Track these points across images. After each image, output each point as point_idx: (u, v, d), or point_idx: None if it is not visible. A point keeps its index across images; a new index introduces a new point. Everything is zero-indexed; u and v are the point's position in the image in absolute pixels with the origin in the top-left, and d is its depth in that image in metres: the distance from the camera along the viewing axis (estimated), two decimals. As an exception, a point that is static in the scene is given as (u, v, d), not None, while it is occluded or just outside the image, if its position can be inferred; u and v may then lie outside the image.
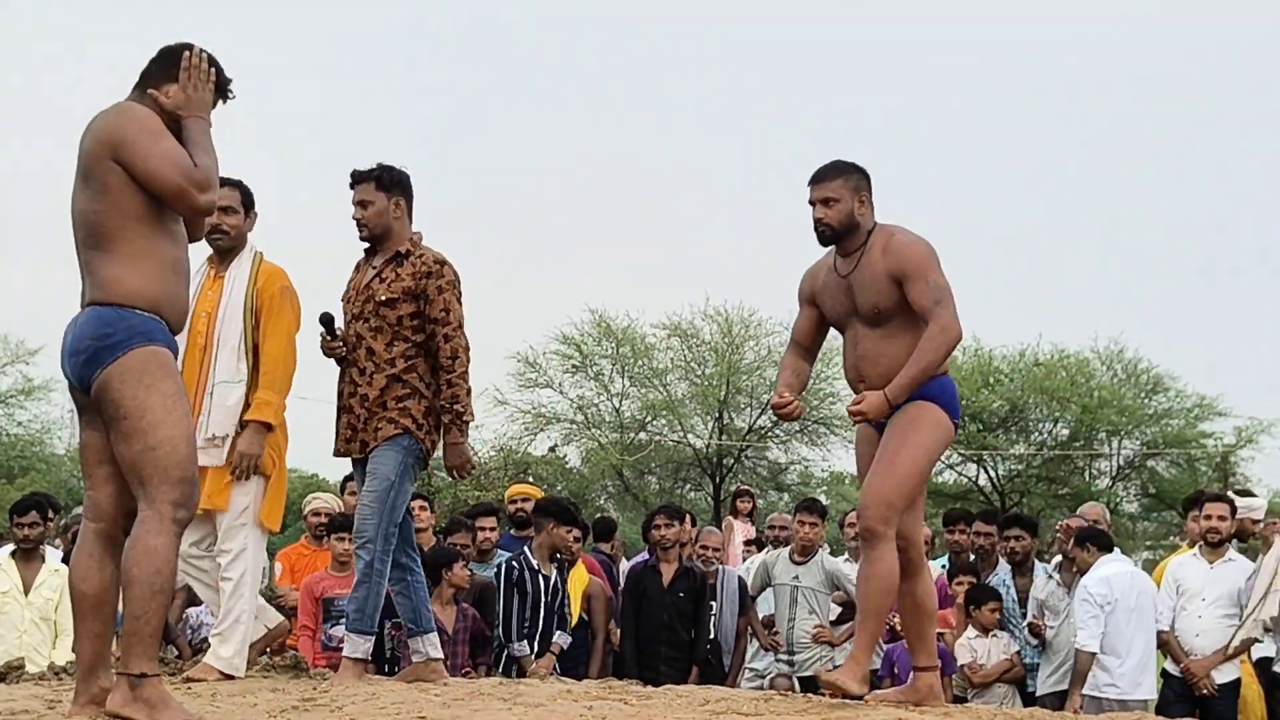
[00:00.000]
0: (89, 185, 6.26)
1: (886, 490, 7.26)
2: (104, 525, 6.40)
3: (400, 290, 8.34)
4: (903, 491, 7.30)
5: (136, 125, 6.23)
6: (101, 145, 6.21)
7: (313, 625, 11.11)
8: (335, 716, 6.53)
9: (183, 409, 6.27)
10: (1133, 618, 10.75)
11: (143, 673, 6.14)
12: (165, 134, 6.27)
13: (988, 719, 7.04)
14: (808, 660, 12.22)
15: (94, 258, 6.28)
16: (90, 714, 6.19)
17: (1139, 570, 11.28)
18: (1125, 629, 10.75)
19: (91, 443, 6.44)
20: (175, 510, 6.18)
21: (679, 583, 12.08)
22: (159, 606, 6.21)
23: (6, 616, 10.83)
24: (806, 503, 13.32)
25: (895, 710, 7.24)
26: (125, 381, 6.16)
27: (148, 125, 6.24)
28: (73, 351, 6.30)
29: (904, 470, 7.27)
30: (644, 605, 12.17)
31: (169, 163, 6.18)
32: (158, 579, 6.14)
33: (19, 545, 11.13)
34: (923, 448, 7.34)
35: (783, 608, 12.49)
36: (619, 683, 8.78)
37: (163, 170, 6.16)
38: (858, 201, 7.48)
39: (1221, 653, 10.96)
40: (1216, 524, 11.30)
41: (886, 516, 7.25)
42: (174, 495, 6.18)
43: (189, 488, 6.26)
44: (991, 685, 11.24)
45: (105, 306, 6.24)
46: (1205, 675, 10.85)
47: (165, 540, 6.16)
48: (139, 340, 6.18)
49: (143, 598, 6.13)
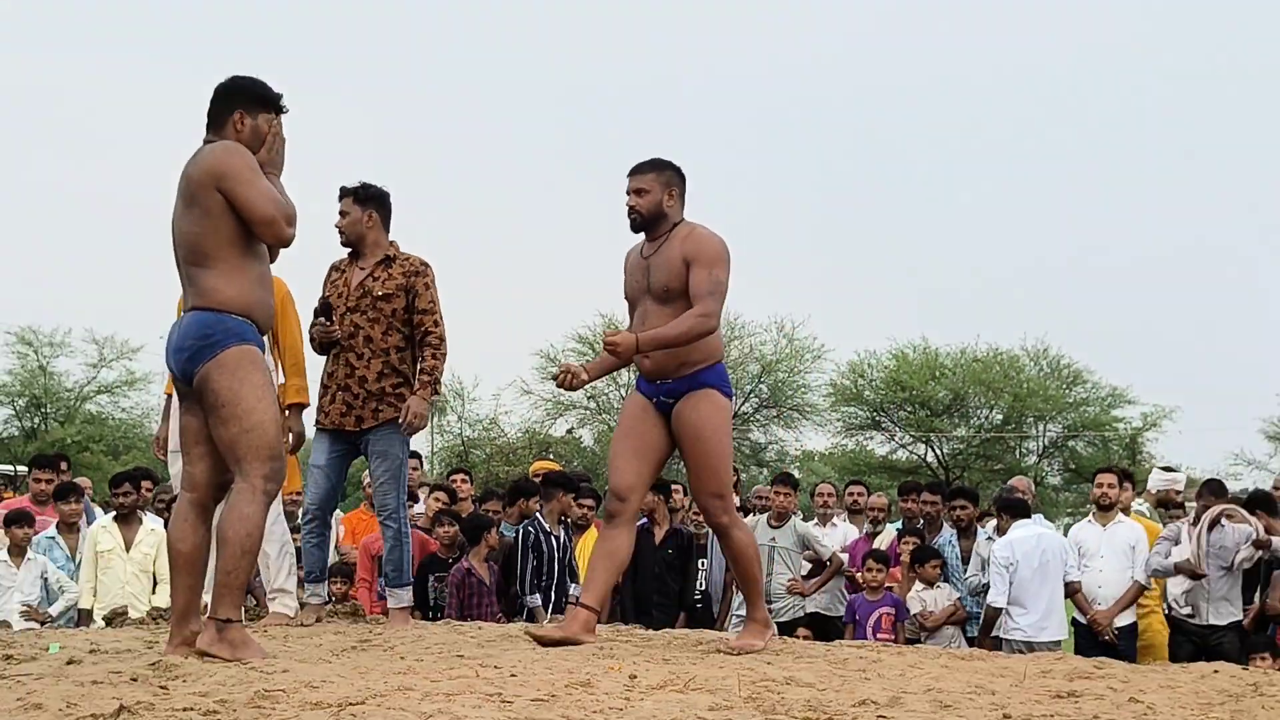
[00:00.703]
0: (192, 209, 6.26)
1: (715, 487, 7.20)
2: (197, 495, 6.43)
3: (394, 286, 8.46)
4: (725, 481, 7.27)
5: (241, 162, 6.24)
6: (208, 175, 6.22)
7: (369, 579, 11.11)
8: (388, 655, 6.53)
9: (271, 397, 6.30)
10: (1036, 574, 10.74)
11: (228, 618, 6.17)
12: (262, 173, 6.30)
13: (934, 657, 7.03)
14: (783, 609, 12.23)
15: (195, 271, 6.29)
16: (183, 653, 6.19)
17: (1048, 532, 11.20)
18: (1030, 584, 10.75)
19: (189, 426, 6.45)
20: (265, 483, 6.22)
21: (668, 541, 12.11)
22: (247, 565, 6.24)
23: (111, 571, 10.83)
24: (781, 476, 13.35)
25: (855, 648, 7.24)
26: (223, 375, 6.18)
27: (250, 163, 6.26)
28: (177, 349, 6.32)
29: (719, 465, 7.20)
30: (638, 561, 12.18)
31: (266, 198, 6.21)
32: (248, 541, 6.17)
33: (118, 510, 11.14)
34: (722, 433, 7.23)
35: (762, 564, 12.48)
36: (625, 627, 8.80)
37: (260, 203, 6.19)
38: (667, 195, 7.30)
39: (1120, 603, 10.96)
40: (1106, 491, 11.33)
41: (725, 507, 7.22)
42: (265, 470, 6.21)
43: (277, 464, 6.29)
44: (940, 628, 11.25)
45: (205, 311, 6.26)
46: (1108, 624, 10.86)
47: (256, 509, 6.18)
48: (234, 340, 6.21)
49: (234, 556, 6.15)
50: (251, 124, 6.46)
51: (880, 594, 11.50)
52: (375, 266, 8.52)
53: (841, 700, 5.14)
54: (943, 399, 46.98)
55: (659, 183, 7.31)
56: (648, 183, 7.31)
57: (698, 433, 7.17)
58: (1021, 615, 10.71)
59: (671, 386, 7.23)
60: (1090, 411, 47.11)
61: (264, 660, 6.02)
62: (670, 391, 7.24)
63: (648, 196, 7.30)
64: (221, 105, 6.47)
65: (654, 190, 7.30)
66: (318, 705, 4.77)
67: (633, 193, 7.34)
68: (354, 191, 8.57)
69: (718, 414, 7.21)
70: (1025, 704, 5.24)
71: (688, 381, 7.19)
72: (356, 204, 8.55)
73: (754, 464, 47.74)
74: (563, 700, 4.96)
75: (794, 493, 12.85)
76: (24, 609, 10.45)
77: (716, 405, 7.22)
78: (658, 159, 7.42)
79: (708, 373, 7.21)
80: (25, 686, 5.33)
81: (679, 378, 7.20)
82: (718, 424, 7.20)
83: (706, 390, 7.20)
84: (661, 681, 5.41)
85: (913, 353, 47.60)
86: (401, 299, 8.47)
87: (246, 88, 6.51)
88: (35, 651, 6.57)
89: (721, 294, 7.15)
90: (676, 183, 7.38)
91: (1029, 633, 10.62)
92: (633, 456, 7.34)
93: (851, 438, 49.66)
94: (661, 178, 7.34)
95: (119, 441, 49.74)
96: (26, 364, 50.71)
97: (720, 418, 7.23)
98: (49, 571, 10.78)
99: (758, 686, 5.36)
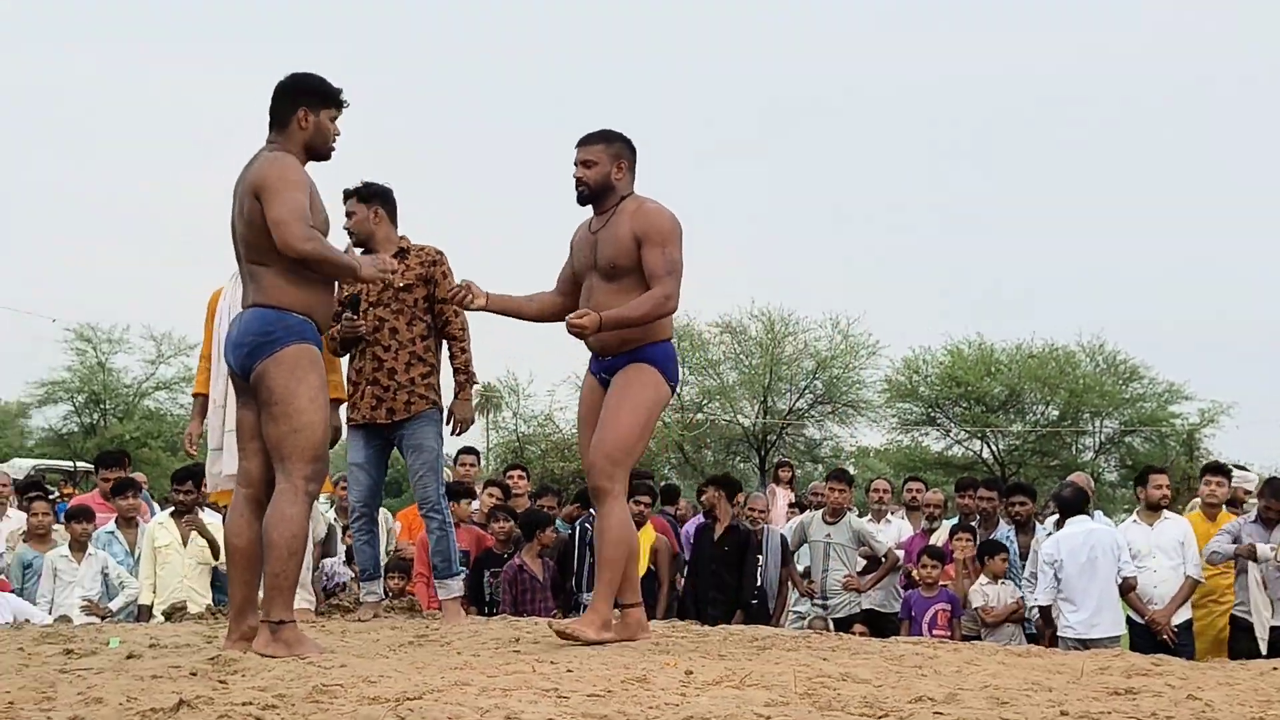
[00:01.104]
0: (243, 214, 6.33)
1: (609, 448, 6.91)
2: (253, 491, 6.46)
3: (414, 277, 8.59)
4: (625, 448, 6.94)
5: (278, 172, 6.29)
6: (250, 185, 6.29)
7: (427, 574, 11.12)
8: (445, 650, 6.55)
9: (323, 399, 6.32)
10: (1084, 571, 10.62)
11: (281, 619, 6.20)
12: (300, 186, 6.29)
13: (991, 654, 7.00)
14: (839, 604, 12.24)
15: (256, 269, 6.34)
16: (241, 648, 6.23)
17: (1099, 528, 11.01)
18: (1078, 581, 10.63)
19: (246, 421, 6.49)
20: (308, 484, 6.26)
21: (726, 538, 12.08)
22: (295, 565, 6.27)
23: (170, 566, 10.88)
24: (836, 472, 13.32)
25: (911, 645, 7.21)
26: (280, 372, 6.22)
27: (287, 175, 6.28)
28: (237, 344, 6.36)
29: (624, 430, 6.91)
30: (699, 557, 12.22)
31: (287, 206, 6.19)
32: (294, 542, 6.21)
33: (177, 506, 11.21)
34: (642, 407, 6.97)
35: (817, 561, 12.49)
36: (681, 623, 8.79)
37: (277, 207, 6.19)
38: (615, 167, 7.11)
39: (1175, 600, 10.88)
40: (1166, 491, 11.31)
41: (612, 473, 6.91)
42: (307, 471, 6.24)
43: (321, 465, 6.32)
44: (1001, 624, 11.18)
45: (267, 309, 6.30)
46: (1166, 622, 10.78)
47: (299, 509, 6.21)
48: (293, 338, 6.25)
49: (281, 558, 6.19)
50: (315, 120, 6.49)
51: (936, 590, 11.44)
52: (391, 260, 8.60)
53: (898, 696, 5.12)
54: (998, 395, 46.78)
55: (607, 154, 7.13)
56: (595, 154, 7.13)
57: (615, 391, 7.01)
58: (1072, 612, 10.60)
59: (612, 363, 7.11)
60: (1147, 407, 46.82)
61: (321, 656, 6.05)
62: (610, 368, 7.12)
63: (595, 169, 7.12)
64: (284, 103, 6.51)
65: (602, 162, 7.12)
66: (375, 700, 4.78)
67: (579, 164, 7.16)
68: (357, 191, 8.66)
69: (642, 384, 7.01)
70: (1082, 701, 5.21)
71: (627, 357, 7.05)
72: (361, 203, 8.65)
73: (809, 459, 47.65)
74: (619, 695, 4.96)
75: (849, 489, 12.82)
76: (84, 604, 10.51)
77: (643, 375, 7.02)
78: (607, 130, 7.23)
79: (648, 349, 7.05)
80: (86, 681, 5.37)
81: (620, 354, 7.07)
82: (637, 391, 6.99)
83: (640, 364, 7.03)
84: (717, 677, 5.41)
85: (968, 348, 47.41)
86: (422, 289, 8.60)
87: (309, 84, 6.55)
88: (95, 646, 6.62)
89: (678, 273, 6.97)
90: (626, 155, 7.19)
91: (1079, 630, 10.50)
92: (588, 434, 7.21)
93: (907, 434, 49.48)
94: (610, 149, 7.16)
95: (177, 437, 49.90)
96: (86, 360, 51.16)
97: (642, 387, 7.01)
98: (109, 567, 10.85)
99: (813, 682, 5.35)
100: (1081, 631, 10.47)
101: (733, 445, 48.52)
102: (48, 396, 52.08)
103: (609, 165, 7.11)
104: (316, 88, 6.55)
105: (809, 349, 47.19)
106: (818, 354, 47.06)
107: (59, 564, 10.75)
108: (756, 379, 46.62)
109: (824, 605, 12.34)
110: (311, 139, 6.49)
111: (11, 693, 5.08)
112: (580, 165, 7.14)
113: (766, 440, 47.13)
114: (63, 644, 6.69)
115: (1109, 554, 10.69)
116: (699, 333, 46.87)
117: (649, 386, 7.01)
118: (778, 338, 46.77)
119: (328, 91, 6.56)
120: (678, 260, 6.97)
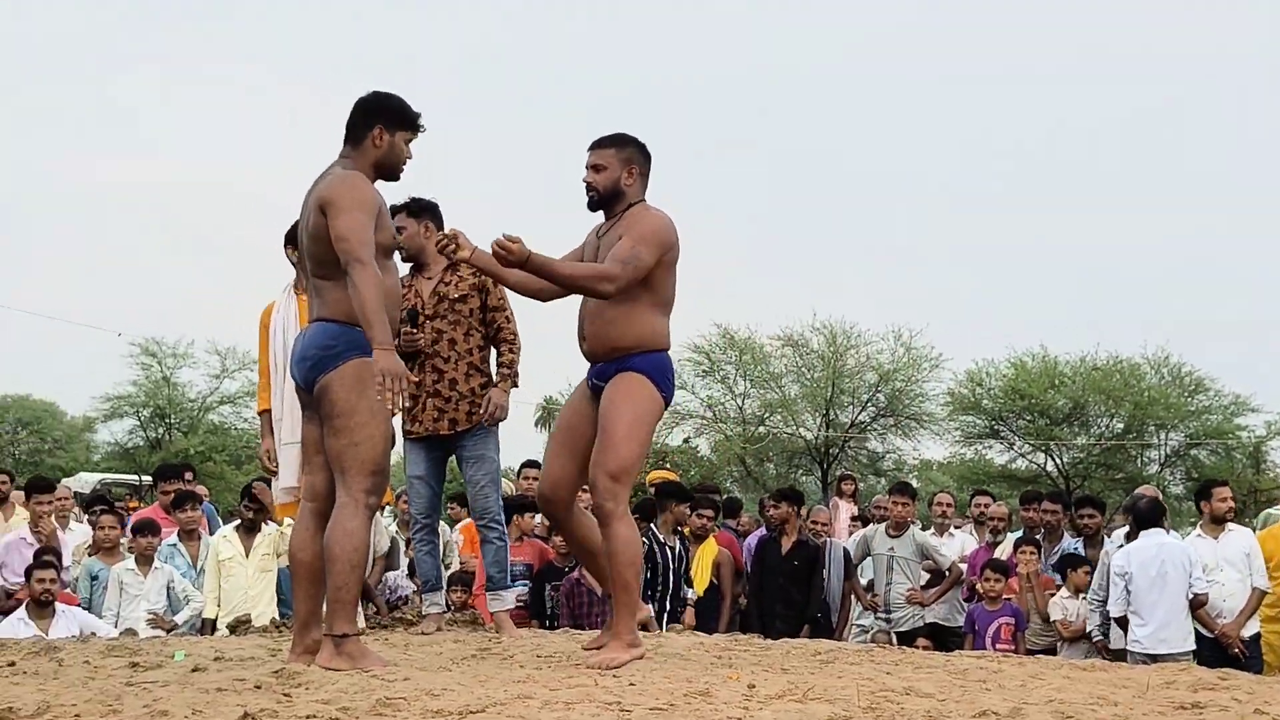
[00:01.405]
0: (309, 228, 6.38)
1: (610, 468, 6.70)
2: (319, 505, 6.49)
3: (468, 287, 8.63)
4: (624, 467, 6.72)
5: (347, 190, 6.30)
6: (318, 200, 6.33)
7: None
8: (507, 663, 6.56)
9: (385, 413, 6.31)
10: (1153, 585, 10.53)
11: (344, 633, 6.23)
12: (366, 207, 6.30)
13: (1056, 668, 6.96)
14: (903, 618, 12.22)
15: (322, 283, 6.37)
16: (305, 661, 6.26)
17: (1170, 542, 10.89)
18: (1146, 595, 10.53)
19: (310, 435, 6.53)
20: (368, 497, 6.27)
21: (795, 553, 12.05)
22: (357, 579, 6.29)
23: (234, 579, 10.96)
24: (899, 486, 13.32)
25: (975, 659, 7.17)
26: (342, 387, 6.25)
27: (355, 195, 6.29)
28: (301, 358, 6.40)
29: (623, 450, 6.69)
30: (765, 571, 12.20)
31: (349, 225, 6.19)
32: (355, 556, 6.23)
33: (243, 521, 11.28)
34: (638, 423, 6.77)
35: (881, 574, 12.46)
36: (744, 636, 8.78)
37: (342, 222, 6.20)
38: (626, 173, 6.94)
39: (1244, 613, 10.81)
40: (1232, 505, 11.19)
41: (615, 492, 6.71)
42: (368, 484, 6.27)
43: (381, 479, 6.34)
44: (1079, 639, 11.11)
45: (331, 323, 6.34)
46: (1236, 635, 10.69)
47: (359, 523, 6.24)
48: (357, 352, 6.27)
49: (343, 572, 6.22)
50: (389, 140, 6.51)
51: (999, 604, 11.39)
52: (444, 272, 8.72)
53: (962, 711, 5.10)
54: (1062, 408, 46.46)
55: (619, 159, 6.98)
56: (607, 159, 6.98)
57: (609, 407, 6.81)
58: (1139, 626, 10.50)
59: (601, 369, 6.95)
60: (1213, 420, 46.42)
61: (385, 669, 6.07)
62: (600, 374, 6.95)
63: (605, 173, 6.97)
64: (362, 120, 6.54)
65: (612, 167, 6.96)
66: (438, 713, 4.80)
67: (590, 168, 7.02)
68: (405, 207, 8.70)
69: (635, 396, 6.82)
70: (1148, 715, 5.18)
71: (617, 365, 6.87)
72: (411, 218, 8.71)
73: (871, 473, 47.51)
74: (681, 709, 4.96)
75: (912, 502, 12.79)
76: (150, 617, 10.59)
77: (636, 386, 6.83)
78: (621, 134, 7.09)
79: (639, 358, 6.87)
80: (151, 694, 5.41)
81: (609, 361, 6.91)
82: (630, 407, 6.80)
83: (631, 374, 6.84)
84: (780, 691, 5.40)
85: (1031, 361, 47.12)
86: (476, 299, 8.65)
87: (388, 104, 6.58)
88: (161, 659, 6.67)
89: (635, 268, 6.71)
90: (638, 160, 7.04)
91: (1146, 644, 10.39)
92: (559, 451, 7.12)
93: (970, 447, 49.22)
94: (622, 154, 7.00)
95: (241, 451, 50.27)
96: (151, 375, 51.50)
97: (636, 400, 6.82)
98: (174, 580, 10.93)
99: (877, 696, 5.33)
100: (1149, 646, 10.37)
101: (795, 458, 48.42)
102: (113, 411, 52.48)
103: (619, 170, 6.97)
104: (395, 108, 6.57)
105: (871, 361, 47.07)
106: (880, 367, 46.90)
107: (125, 577, 10.84)
108: (818, 392, 46.50)
109: (887, 619, 12.31)
110: (383, 158, 6.51)
111: (78, 705, 5.12)
112: (590, 169, 7.01)
113: (829, 453, 47.00)
114: (128, 657, 6.74)
115: (1180, 568, 10.57)
116: (760, 345, 46.87)
117: (643, 399, 6.84)
118: (840, 350, 46.65)
119: (405, 113, 6.58)
120: (641, 257, 6.74)
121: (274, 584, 10.96)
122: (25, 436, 58.75)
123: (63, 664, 6.55)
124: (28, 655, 6.98)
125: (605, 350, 6.92)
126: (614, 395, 6.83)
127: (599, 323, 6.92)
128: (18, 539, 11.15)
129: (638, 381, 6.84)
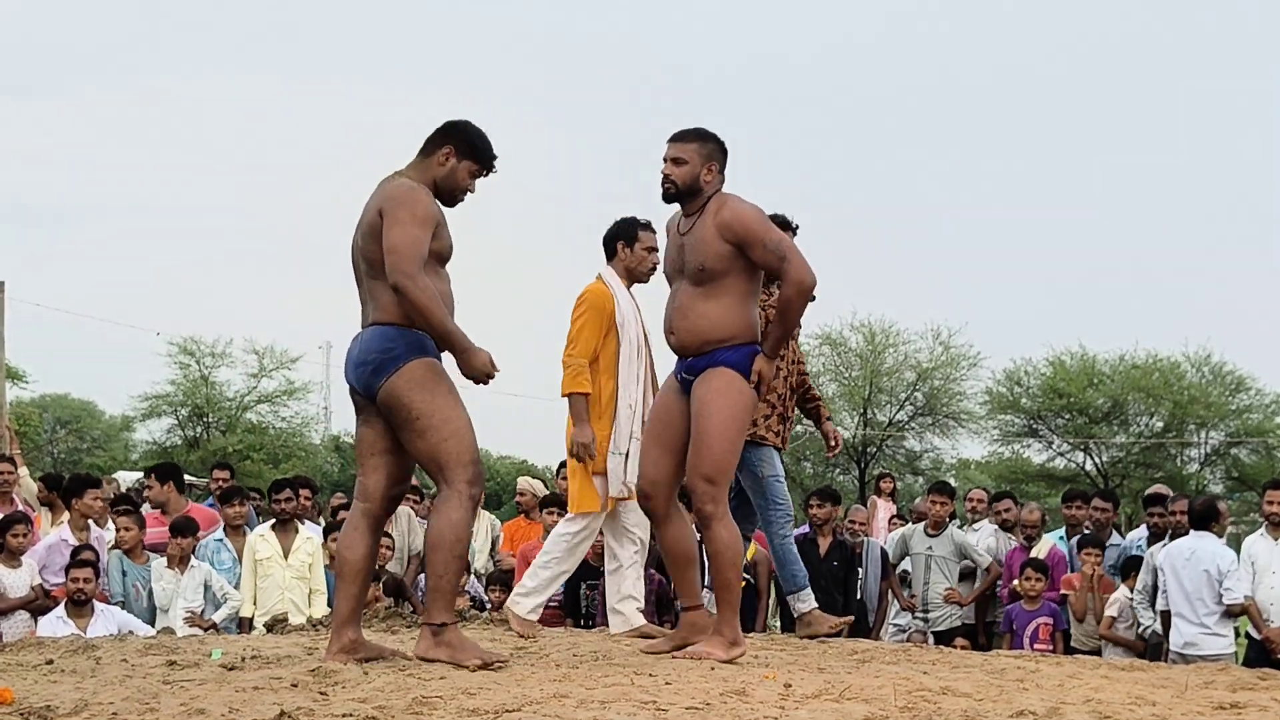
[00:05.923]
0: (370, 232, 6.38)
1: (706, 470, 6.71)
2: (370, 505, 6.52)
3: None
4: (720, 469, 6.76)
5: (408, 199, 6.34)
6: (378, 204, 6.37)
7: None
8: (543, 662, 6.56)
9: (461, 404, 6.37)
10: (1180, 586, 10.42)
11: (443, 622, 6.28)
12: (423, 221, 6.33)
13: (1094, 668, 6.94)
14: (940, 618, 12.19)
15: (376, 287, 6.39)
16: (341, 660, 6.27)
17: (1204, 545, 10.58)
18: (1176, 595, 10.45)
19: (365, 437, 6.54)
20: (470, 488, 6.30)
21: (833, 553, 12.02)
22: (457, 568, 6.36)
23: (271, 578, 11.02)
24: (938, 485, 13.27)
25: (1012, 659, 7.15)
26: (413, 388, 6.27)
27: (414, 209, 6.32)
28: (359, 363, 6.41)
29: (717, 450, 6.72)
30: (802, 572, 12.19)
31: (403, 240, 6.22)
32: (458, 546, 6.29)
33: (277, 518, 11.31)
34: (731, 421, 6.76)
35: (919, 573, 12.44)
36: (780, 636, 8.77)
37: (396, 233, 6.23)
38: (706, 168, 6.89)
39: None
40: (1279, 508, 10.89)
41: (714, 495, 6.73)
42: (468, 475, 6.29)
43: (478, 468, 6.37)
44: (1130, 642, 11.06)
45: (388, 326, 6.35)
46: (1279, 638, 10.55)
47: (463, 514, 6.28)
48: (416, 353, 6.30)
49: (445, 561, 6.27)
50: (454, 164, 6.55)
51: (1038, 604, 11.34)
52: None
53: (999, 710, 5.09)
54: (1101, 406, 46.29)
55: (699, 154, 6.93)
56: (688, 153, 6.93)
57: (700, 408, 6.80)
58: (1182, 626, 10.45)
59: (692, 363, 6.92)
60: (1254, 419, 46.20)
61: (489, 661, 6.15)
62: (690, 368, 6.93)
63: (685, 167, 6.92)
64: (439, 136, 6.60)
65: (693, 161, 6.91)
66: (474, 712, 4.81)
67: (670, 160, 6.96)
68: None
69: (728, 393, 6.78)
70: (1187, 715, 5.16)
71: (708, 359, 6.85)
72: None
73: (909, 472, 47.44)
74: (717, 708, 4.96)
75: (950, 501, 12.75)
76: (187, 615, 10.63)
77: (728, 383, 6.79)
78: (701, 128, 7.04)
79: (729, 352, 6.82)
80: (189, 692, 5.43)
81: (699, 355, 6.88)
82: (725, 403, 6.78)
83: (721, 369, 6.80)
84: (816, 690, 5.40)
85: (1070, 359, 46.98)
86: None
87: (466, 132, 6.62)
88: (198, 658, 6.70)
89: (790, 250, 6.75)
90: (718, 156, 6.99)
91: (1174, 644, 10.37)
92: (653, 446, 7.09)
93: (1008, 445, 49.09)
94: (704, 149, 6.95)
95: (279, 450, 50.43)
96: (189, 374, 51.59)
97: (730, 397, 6.79)
98: (212, 579, 10.97)
99: (913, 696, 5.32)
100: (1178, 646, 10.31)
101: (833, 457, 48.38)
102: (151, 410, 52.59)
103: (699, 166, 6.92)
104: (471, 137, 6.61)
105: (909, 360, 47.00)
106: (918, 365, 46.83)
107: (162, 576, 10.89)
108: (856, 390, 46.46)
109: (925, 618, 12.29)
110: (444, 179, 6.53)
111: (115, 704, 5.15)
112: (670, 162, 6.96)
113: (866, 452, 46.94)
114: (166, 655, 6.77)
115: (1205, 573, 10.44)
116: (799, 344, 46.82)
117: (733, 396, 6.79)
118: (878, 349, 46.60)
119: (479, 147, 6.62)
120: (779, 239, 6.79)
121: (309, 590, 11.08)
122: (64, 436, 59.07)
123: (100, 662, 6.60)
124: (66, 654, 7.03)
125: (696, 344, 6.90)
126: (705, 395, 6.83)
127: (691, 316, 6.90)
128: (59, 540, 11.18)
129: (728, 378, 6.82)
